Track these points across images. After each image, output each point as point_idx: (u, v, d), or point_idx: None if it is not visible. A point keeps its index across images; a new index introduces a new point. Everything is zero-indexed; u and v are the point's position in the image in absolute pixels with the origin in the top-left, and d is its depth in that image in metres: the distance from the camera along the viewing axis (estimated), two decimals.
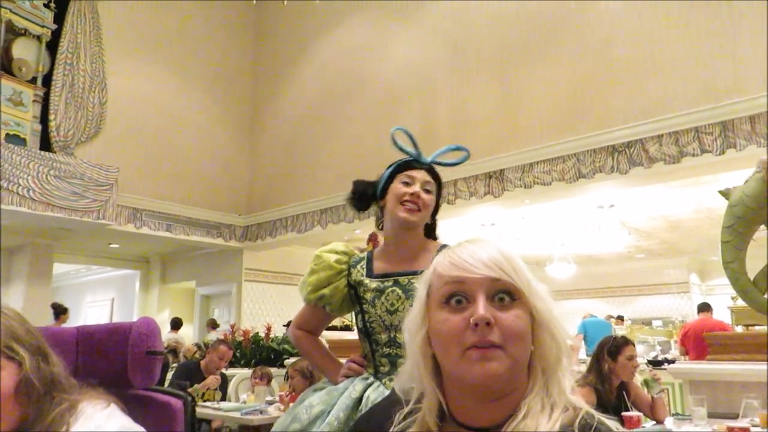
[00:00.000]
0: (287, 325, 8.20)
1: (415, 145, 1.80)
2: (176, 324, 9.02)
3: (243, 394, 4.59)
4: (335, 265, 1.75)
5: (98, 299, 11.97)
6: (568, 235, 9.24)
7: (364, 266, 1.74)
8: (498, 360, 0.75)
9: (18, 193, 6.53)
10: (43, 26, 7.38)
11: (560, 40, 5.88)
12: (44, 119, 7.22)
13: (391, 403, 0.89)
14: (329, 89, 8.25)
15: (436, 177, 1.76)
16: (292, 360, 5.16)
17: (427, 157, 1.78)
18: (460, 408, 0.81)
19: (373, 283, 1.68)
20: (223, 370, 4.71)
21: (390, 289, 1.65)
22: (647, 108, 5.17)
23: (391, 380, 1.59)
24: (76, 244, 8.88)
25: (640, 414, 2.94)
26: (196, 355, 6.50)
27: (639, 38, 5.34)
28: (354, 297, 1.72)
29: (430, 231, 1.78)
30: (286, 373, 4.10)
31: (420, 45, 7.19)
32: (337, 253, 1.78)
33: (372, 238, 5.53)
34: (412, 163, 1.76)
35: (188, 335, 9.77)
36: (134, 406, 1.07)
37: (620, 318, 10.11)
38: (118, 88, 7.87)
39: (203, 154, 8.78)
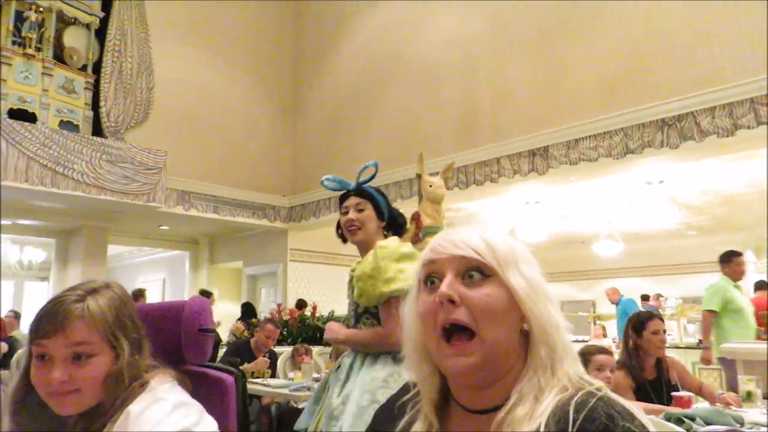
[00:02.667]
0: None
1: (342, 182, 2.27)
2: (248, 311, 8.58)
3: (290, 372, 4.70)
4: None
5: (150, 279, 12.37)
6: (615, 213, 9.03)
7: None
8: (469, 354, 0.74)
9: (73, 178, 6.78)
10: (91, 14, 7.57)
11: (605, 10, 5.70)
12: (95, 105, 7.45)
13: (403, 393, 0.90)
14: (369, 68, 8.23)
15: (364, 194, 2.17)
16: None
17: (352, 183, 2.22)
18: (458, 390, 0.81)
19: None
20: (272, 348, 4.83)
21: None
22: (699, 79, 4.97)
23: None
24: (128, 226, 9.17)
25: (691, 394, 2.88)
26: (245, 334, 6.67)
27: (689, 5, 5.12)
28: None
29: (398, 227, 2.23)
30: (332, 350, 4.18)
31: (459, 20, 7.08)
32: None
33: (415, 218, 5.54)
34: (343, 195, 2.22)
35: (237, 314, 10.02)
36: (188, 381, 1.12)
37: (659, 296, 9.89)
38: (164, 73, 8.04)
39: (247, 137, 8.92)
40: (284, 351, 5.14)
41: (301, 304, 8.27)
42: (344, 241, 2.23)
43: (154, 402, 0.96)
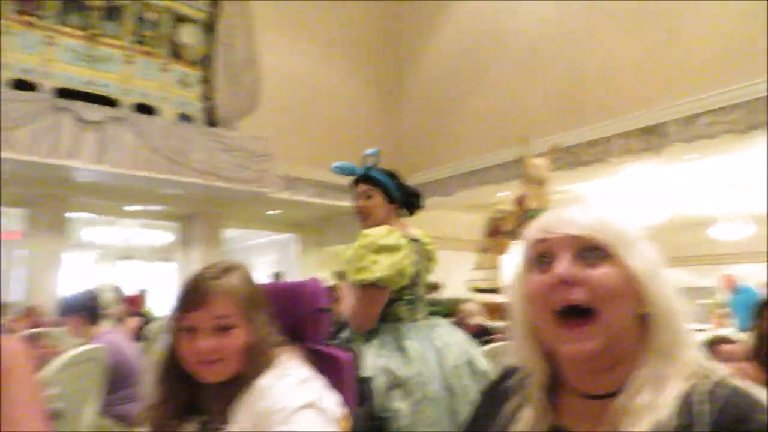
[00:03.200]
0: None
1: (351, 168, 2.20)
2: None
3: None
4: None
5: (262, 261, 12.98)
6: (737, 194, 8.38)
7: None
8: (589, 338, 0.71)
9: (191, 167, 7.27)
10: (201, 10, 8.01)
11: None
12: (208, 97, 7.91)
13: (506, 376, 0.89)
14: (469, 48, 8.12)
15: (371, 180, 2.11)
16: None
17: (360, 168, 2.17)
18: (573, 375, 0.78)
19: None
20: None
21: None
22: None
23: None
24: (241, 211, 9.67)
25: None
26: None
27: None
28: None
29: (411, 207, 2.20)
30: None
31: None
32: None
33: (519, 200, 5.45)
34: (355, 180, 2.16)
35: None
36: (307, 359, 1.19)
37: None
38: (270, 64, 8.36)
39: (350, 123, 9.11)
40: None
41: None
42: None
43: (281, 377, 1.04)
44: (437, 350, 1.79)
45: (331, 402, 1.09)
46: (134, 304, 7.47)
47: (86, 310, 3.04)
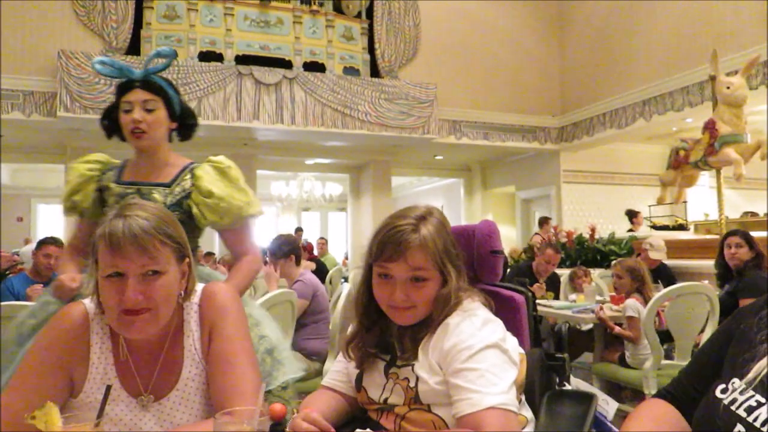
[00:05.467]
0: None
1: (124, 69, 1.75)
2: None
3: (572, 295, 4.67)
4: (86, 173, 1.79)
5: None
6: None
7: (116, 174, 1.78)
8: None
9: (358, 119, 7.56)
10: None
11: None
12: (371, 49, 8.08)
13: None
14: None
15: (154, 87, 1.73)
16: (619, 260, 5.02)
17: (136, 71, 1.75)
18: None
19: (117, 188, 1.74)
20: (554, 271, 4.83)
21: (131, 195, 1.71)
22: None
23: None
24: (407, 158, 9.89)
25: None
26: (522, 257, 6.79)
27: None
28: (99, 201, 1.78)
29: (190, 129, 1.84)
30: (613, 273, 4.02)
31: None
32: (89, 162, 1.82)
33: (709, 126, 4.89)
34: (126, 85, 1.73)
35: (512, 237, 10.23)
36: (485, 300, 1.20)
37: None
38: (428, 8, 8.28)
39: (513, 59, 8.77)
40: (564, 273, 5.11)
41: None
42: (109, 136, 1.82)
43: (467, 317, 1.08)
44: None
45: (512, 344, 1.12)
46: (313, 251, 8.12)
47: (291, 254, 3.38)
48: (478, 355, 1.02)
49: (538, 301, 4.32)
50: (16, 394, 1.02)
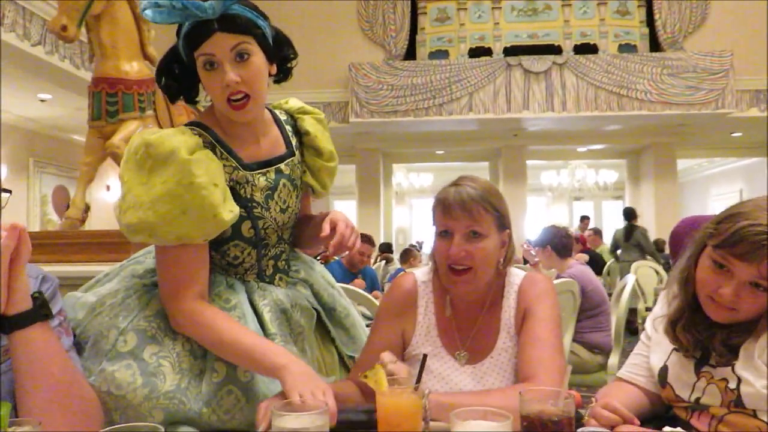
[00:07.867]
0: None
1: (186, 5, 1.07)
2: None
3: None
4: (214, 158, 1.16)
5: (723, 192, 11.65)
6: None
7: (223, 153, 1.19)
8: None
9: (636, 98, 7.03)
10: None
11: None
12: (649, 21, 7.43)
13: None
14: None
15: (243, 24, 1.10)
16: None
17: (210, 2, 1.07)
18: None
19: (260, 179, 1.22)
20: None
21: (281, 183, 1.25)
22: None
23: (281, 279, 1.30)
24: (695, 138, 8.86)
25: None
26: None
27: None
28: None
29: (286, 75, 1.27)
30: None
31: None
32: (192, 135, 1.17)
33: None
34: (202, 29, 1.09)
35: None
36: None
37: None
38: None
39: None
40: None
41: None
42: (173, 100, 1.23)
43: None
44: None
45: None
46: (586, 243, 7.78)
47: (559, 245, 3.32)
48: None
49: None
50: (366, 350, 1.26)
